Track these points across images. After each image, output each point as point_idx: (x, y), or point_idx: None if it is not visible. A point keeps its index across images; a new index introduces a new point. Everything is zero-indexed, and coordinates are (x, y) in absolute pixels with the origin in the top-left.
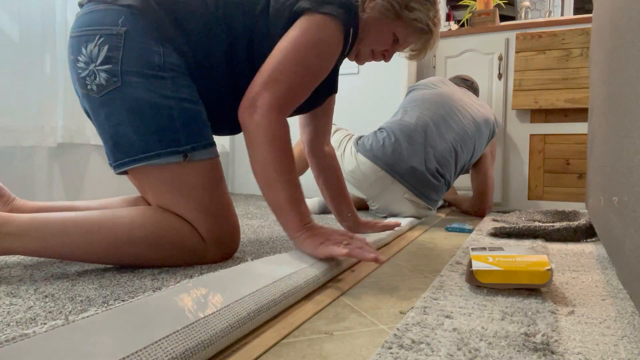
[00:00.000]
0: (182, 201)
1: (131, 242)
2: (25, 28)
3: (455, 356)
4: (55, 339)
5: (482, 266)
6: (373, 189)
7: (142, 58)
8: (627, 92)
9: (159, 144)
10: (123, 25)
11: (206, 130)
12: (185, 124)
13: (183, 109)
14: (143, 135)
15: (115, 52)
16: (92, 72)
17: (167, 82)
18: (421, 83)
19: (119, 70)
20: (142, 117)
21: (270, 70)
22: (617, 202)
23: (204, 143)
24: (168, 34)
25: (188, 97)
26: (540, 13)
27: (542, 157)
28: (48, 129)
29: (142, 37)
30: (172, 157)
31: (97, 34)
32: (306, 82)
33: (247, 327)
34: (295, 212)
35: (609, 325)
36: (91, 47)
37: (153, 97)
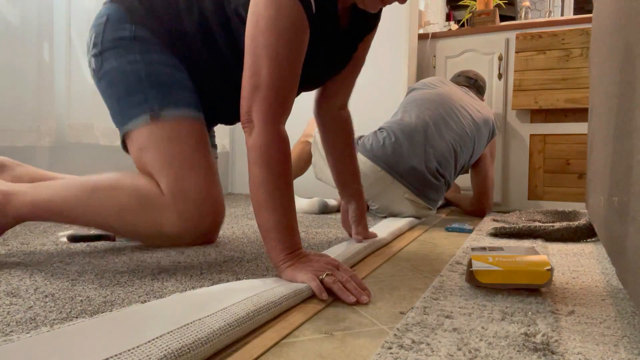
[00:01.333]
0: (148, 156)
1: (95, 188)
2: (22, 25)
3: (455, 356)
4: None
5: (482, 266)
6: (373, 189)
7: (114, 34)
8: (627, 92)
9: (130, 107)
10: (105, 14)
11: (181, 91)
12: (153, 84)
13: (151, 71)
14: (120, 102)
15: (98, 38)
16: (89, 60)
17: (135, 47)
18: (421, 83)
19: (99, 51)
20: (117, 86)
21: (248, 77)
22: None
23: (174, 100)
24: (140, 17)
25: (158, 60)
26: (540, 13)
27: (542, 157)
28: (44, 129)
29: (117, 21)
30: (141, 117)
31: (92, 27)
32: (285, 75)
33: (246, 326)
34: (281, 238)
35: (609, 325)
36: (88, 41)
37: (122, 64)
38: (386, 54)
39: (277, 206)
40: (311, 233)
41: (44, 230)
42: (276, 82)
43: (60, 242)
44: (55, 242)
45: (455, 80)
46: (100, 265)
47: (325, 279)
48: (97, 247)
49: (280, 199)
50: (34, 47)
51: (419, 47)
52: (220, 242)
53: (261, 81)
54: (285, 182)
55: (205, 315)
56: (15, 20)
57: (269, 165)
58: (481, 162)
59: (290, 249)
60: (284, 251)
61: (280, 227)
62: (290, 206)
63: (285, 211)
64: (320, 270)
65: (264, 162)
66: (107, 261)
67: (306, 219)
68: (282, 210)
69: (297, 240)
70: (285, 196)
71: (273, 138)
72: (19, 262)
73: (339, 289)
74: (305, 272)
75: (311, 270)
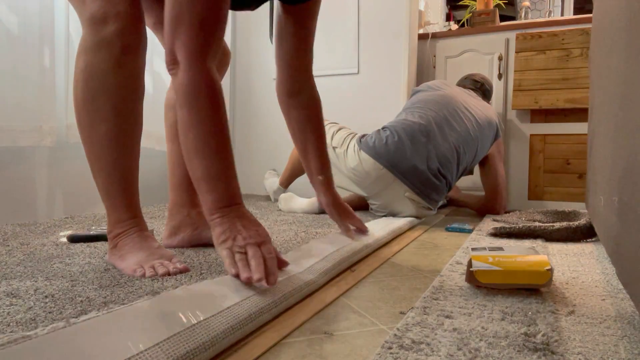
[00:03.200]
0: None
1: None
2: (23, 25)
3: (456, 356)
4: (56, 341)
5: (482, 266)
6: (374, 187)
7: None
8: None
9: None
10: None
11: None
12: None
13: None
14: None
15: None
16: None
17: None
18: (425, 85)
19: None
20: None
21: (170, 8)
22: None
23: None
24: None
25: None
26: (540, 13)
27: (542, 157)
28: (46, 129)
29: None
30: None
31: None
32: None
33: (247, 328)
34: (212, 188)
35: (609, 325)
36: None
37: None
38: (386, 54)
39: (207, 152)
40: (311, 233)
41: (44, 230)
42: (200, 10)
43: (60, 242)
44: (55, 242)
45: (462, 83)
46: (100, 265)
47: (236, 254)
48: (97, 247)
49: (210, 144)
50: (35, 48)
51: (419, 47)
52: None
53: (183, 10)
54: (216, 125)
55: (209, 316)
56: (17, 23)
57: (196, 106)
58: (489, 161)
59: (223, 202)
60: (216, 204)
61: (211, 175)
62: (223, 152)
63: (217, 157)
64: (237, 244)
65: (190, 103)
66: (107, 261)
67: (306, 219)
68: (212, 155)
69: (233, 192)
70: (217, 140)
71: (199, 75)
72: (19, 262)
73: (241, 265)
74: (226, 244)
75: (232, 243)
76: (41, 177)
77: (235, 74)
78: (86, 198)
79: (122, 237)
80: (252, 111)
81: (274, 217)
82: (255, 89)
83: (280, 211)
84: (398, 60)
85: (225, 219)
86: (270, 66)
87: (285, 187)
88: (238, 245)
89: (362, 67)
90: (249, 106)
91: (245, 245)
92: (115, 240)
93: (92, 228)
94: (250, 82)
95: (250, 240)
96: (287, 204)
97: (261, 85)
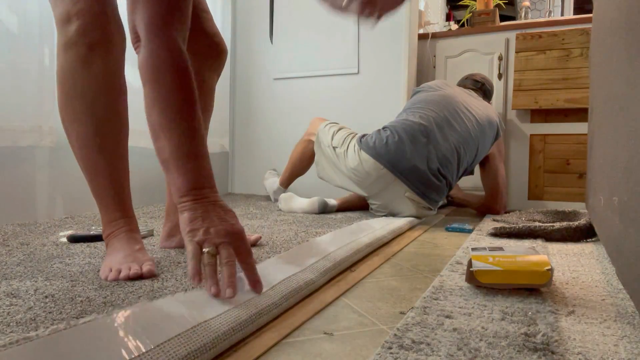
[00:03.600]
0: None
1: None
2: (23, 26)
3: (456, 356)
4: (57, 342)
5: (482, 266)
6: (374, 187)
7: None
8: (627, 92)
9: None
10: None
11: None
12: None
13: None
14: None
15: None
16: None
17: None
18: (425, 85)
19: None
20: None
21: None
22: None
23: None
24: None
25: None
26: (540, 13)
27: (542, 157)
28: (46, 129)
29: None
30: None
31: None
32: None
33: (248, 330)
34: (181, 170)
35: (609, 325)
36: None
37: None
38: (386, 54)
39: (173, 129)
40: (311, 233)
41: (44, 230)
42: None
43: (60, 242)
44: (55, 242)
45: (462, 83)
46: (100, 266)
47: (205, 255)
48: (97, 247)
49: (176, 120)
50: (35, 48)
51: (419, 47)
52: None
53: None
54: (183, 99)
55: (210, 317)
56: (17, 22)
57: (159, 80)
58: (490, 161)
59: (194, 184)
60: (184, 187)
61: (180, 154)
62: (192, 129)
63: (185, 135)
64: (209, 240)
65: (154, 78)
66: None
67: (306, 219)
68: (180, 133)
69: (205, 173)
70: (184, 116)
71: (161, 47)
72: (19, 262)
73: (210, 273)
74: (195, 236)
75: (202, 237)
76: (41, 177)
77: (235, 74)
78: (86, 198)
79: (111, 237)
80: (252, 111)
81: (274, 217)
82: (255, 89)
83: (280, 211)
84: (398, 60)
85: (197, 204)
86: (270, 66)
87: (285, 187)
88: (210, 242)
89: (362, 67)
90: (249, 106)
91: (218, 245)
92: (107, 240)
93: (92, 228)
94: (250, 82)
95: (224, 239)
96: (287, 204)
97: (261, 85)
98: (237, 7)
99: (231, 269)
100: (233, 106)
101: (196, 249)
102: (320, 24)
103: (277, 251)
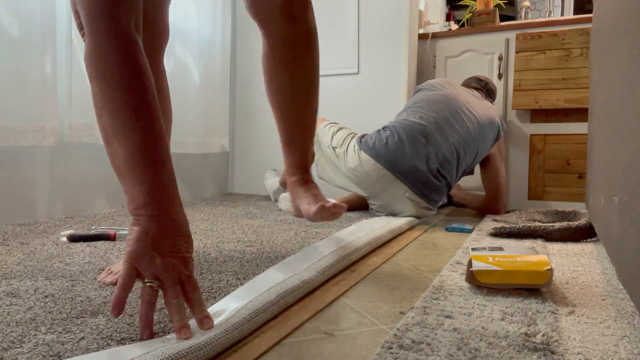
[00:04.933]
0: None
1: None
2: (25, 25)
3: (456, 356)
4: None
5: (482, 266)
6: (374, 187)
7: None
8: (627, 92)
9: None
10: None
11: None
12: None
13: None
14: None
15: None
16: None
17: None
18: (427, 84)
19: None
20: None
21: None
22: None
23: None
24: None
25: None
26: (540, 13)
27: (542, 157)
28: (48, 129)
29: None
30: None
31: None
32: None
33: (245, 328)
34: (137, 179)
35: (609, 325)
36: None
37: None
38: (386, 54)
39: (127, 132)
40: (311, 233)
41: (44, 230)
42: None
43: (60, 242)
44: (55, 242)
45: (466, 83)
46: (100, 265)
47: (145, 287)
48: (97, 246)
49: (131, 121)
50: (37, 48)
51: (419, 47)
52: (220, 241)
53: None
54: (137, 97)
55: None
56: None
57: (108, 77)
58: (490, 161)
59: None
60: (140, 200)
61: (135, 160)
62: (149, 131)
63: (141, 138)
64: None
65: (99, 73)
66: (107, 261)
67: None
68: (135, 136)
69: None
70: (140, 116)
71: (109, 38)
72: (19, 262)
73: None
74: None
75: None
76: (42, 177)
77: (235, 74)
78: (86, 198)
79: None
80: (252, 111)
81: (274, 217)
82: (255, 89)
83: (280, 211)
84: (398, 60)
85: (152, 221)
86: None
87: (285, 187)
88: (152, 275)
89: (362, 67)
90: (249, 106)
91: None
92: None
93: (92, 228)
94: (250, 82)
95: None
96: (287, 204)
97: (261, 85)
98: (237, 7)
99: (181, 311)
100: (233, 106)
101: (131, 277)
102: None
103: (277, 251)
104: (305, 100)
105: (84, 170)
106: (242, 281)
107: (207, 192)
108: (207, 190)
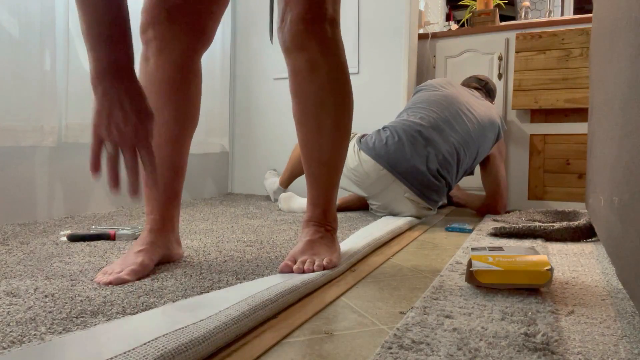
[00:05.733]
0: None
1: None
2: (24, 25)
3: (456, 356)
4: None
5: (482, 266)
6: (374, 187)
7: None
8: (628, 92)
9: None
10: None
11: None
12: None
13: None
14: None
15: None
16: None
17: None
18: (428, 84)
19: None
20: None
21: None
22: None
23: None
24: None
25: None
26: (540, 13)
27: (542, 157)
28: (47, 129)
29: None
30: None
31: None
32: None
33: (244, 324)
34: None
35: (609, 325)
36: None
37: None
38: (386, 54)
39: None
40: None
41: (43, 229)
42: None
43: (60, 242)
44: (55, 241)
45: (466, 82)
46: (100, 265)
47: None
48: (97, 246)
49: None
50: (36, 48)
51: (419, 47)
52: (220, 241)
53: None
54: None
55: (199, 320)
56: (18, 23)
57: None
58: (490, 161)
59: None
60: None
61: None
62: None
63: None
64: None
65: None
66: (107, 261)
67: None
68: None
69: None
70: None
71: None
72: (18, 261)
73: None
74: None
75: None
76: (41, 176)
77: (235, 74)
78: (86, 198)
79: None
80: (252, 111)
81: (274, 217)
82: (255, 89)
83: (280, 211)
84: (398, 60)
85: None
86: (270, 66)
87: (285, 187)
88: (111, 142)
89: (362, 67)
90: (249, 106)
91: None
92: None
93: (92, 227)
94: (250, 82)
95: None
96: (287, 204)
97: (261, 85)
98: (237, 7)
99: (134, 174)
100: (233, 106)
101: (96, 144)
102: None
103: (277, 251)
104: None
105: (83, 170)
106: (242, 281)
107: (207, 192)
108: (207, 190)
